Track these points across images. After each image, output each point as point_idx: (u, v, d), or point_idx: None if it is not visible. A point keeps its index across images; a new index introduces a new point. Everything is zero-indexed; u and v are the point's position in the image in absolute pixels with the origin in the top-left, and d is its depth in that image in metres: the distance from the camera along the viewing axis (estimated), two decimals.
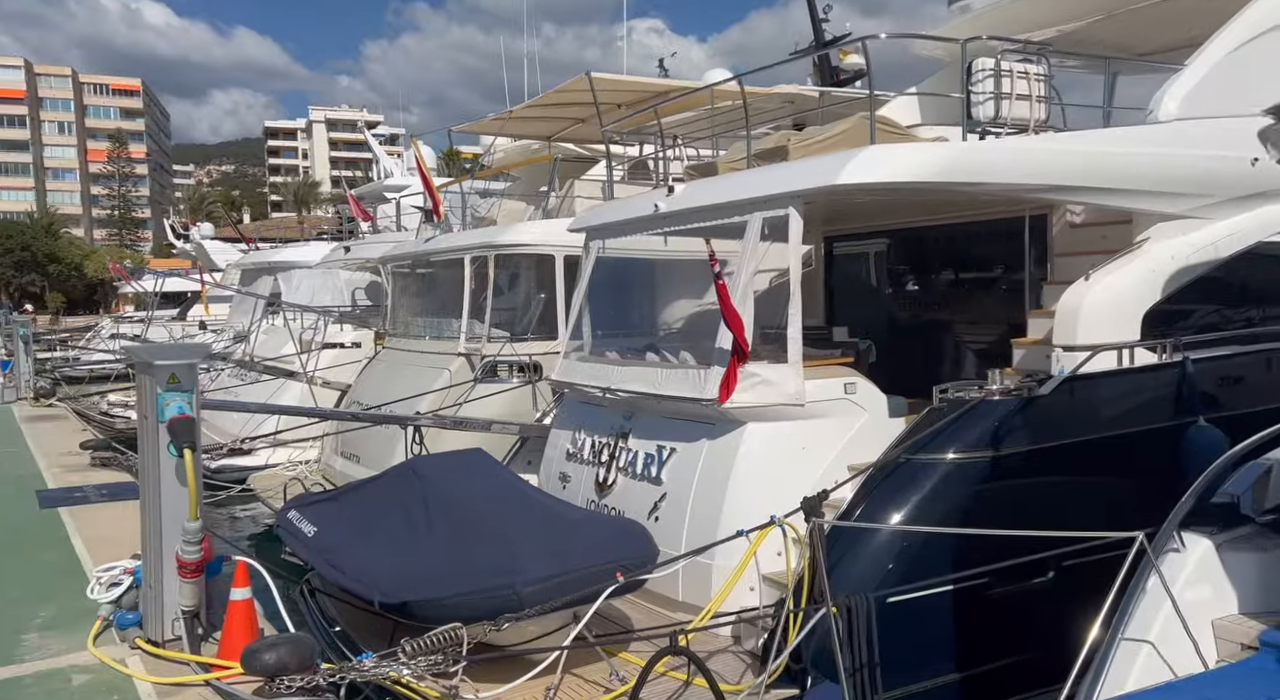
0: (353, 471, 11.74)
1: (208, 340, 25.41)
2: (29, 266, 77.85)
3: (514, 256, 11.65)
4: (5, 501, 7.69)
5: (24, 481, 8.45)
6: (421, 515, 6.17)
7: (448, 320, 12.80)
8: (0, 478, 8.71)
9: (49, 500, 7.59)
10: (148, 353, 4.00)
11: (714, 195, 6.96)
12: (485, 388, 11.28)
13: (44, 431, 12.05)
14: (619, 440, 7.51)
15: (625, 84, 12.10)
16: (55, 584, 5.16)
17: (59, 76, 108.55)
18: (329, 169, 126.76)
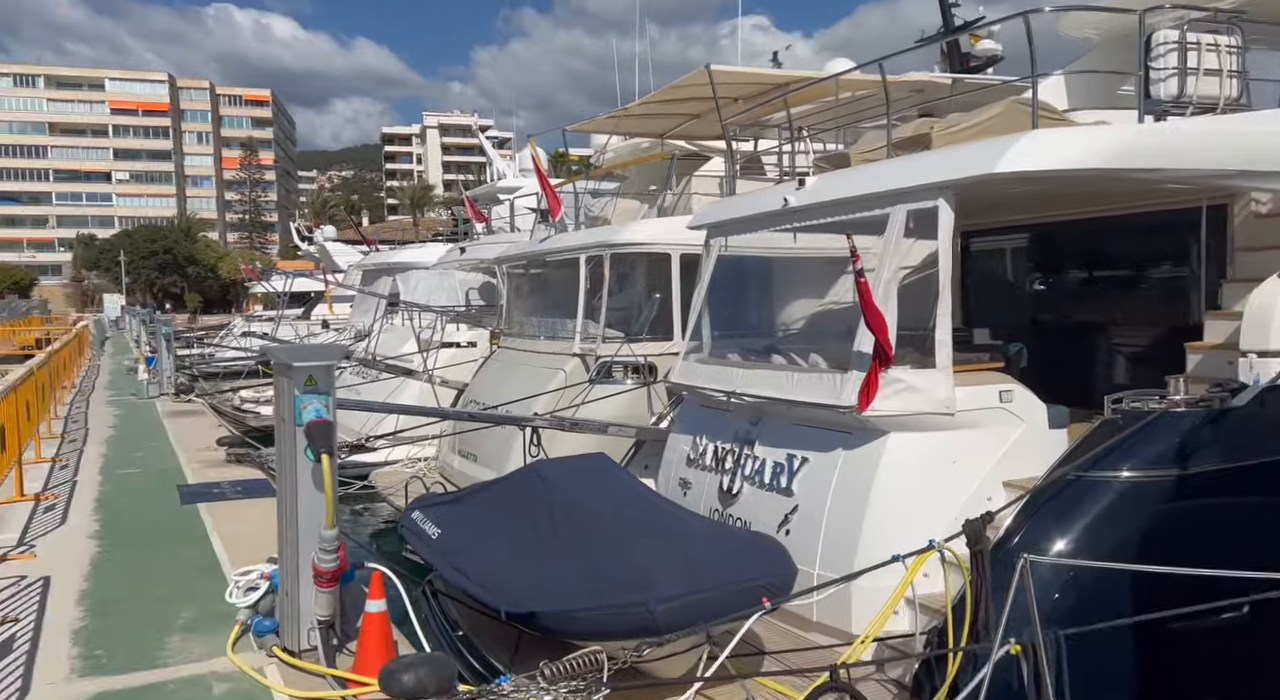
0: (469, 470, 11.81)
1: (330, 338, 26.44)
2: (170, 268, 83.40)
3: (629, 255, 11.44)
4: (150, 495, 7.98)
5: (166, 476, 8.79)
6: (546, 521, 6.00)
7: (562, 320, 12.72)
8: (146, 471, 9.09)
9: (188, 496, 7.83)
10: (286, 354, 3.93)
11: (851, 187, 6.52)
12: (600, 389, 11.12)
13: (183, 426, 12.62)
14: (744, 447, 7.17)
15: (745, 77, 11.71)
16: (195, 583, 5.22)
17: (198, 90, 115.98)
18: (441, 173, 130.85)
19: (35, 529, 6.67)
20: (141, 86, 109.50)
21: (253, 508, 7.39)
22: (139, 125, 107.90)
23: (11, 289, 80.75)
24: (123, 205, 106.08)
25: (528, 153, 27.23)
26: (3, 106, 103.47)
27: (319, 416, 3.88)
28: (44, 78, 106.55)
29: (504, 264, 14.63)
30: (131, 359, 26.64)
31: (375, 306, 24.89)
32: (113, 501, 7.68)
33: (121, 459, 9.86)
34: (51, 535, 6.48)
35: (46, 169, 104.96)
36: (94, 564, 5.72)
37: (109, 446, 10.75)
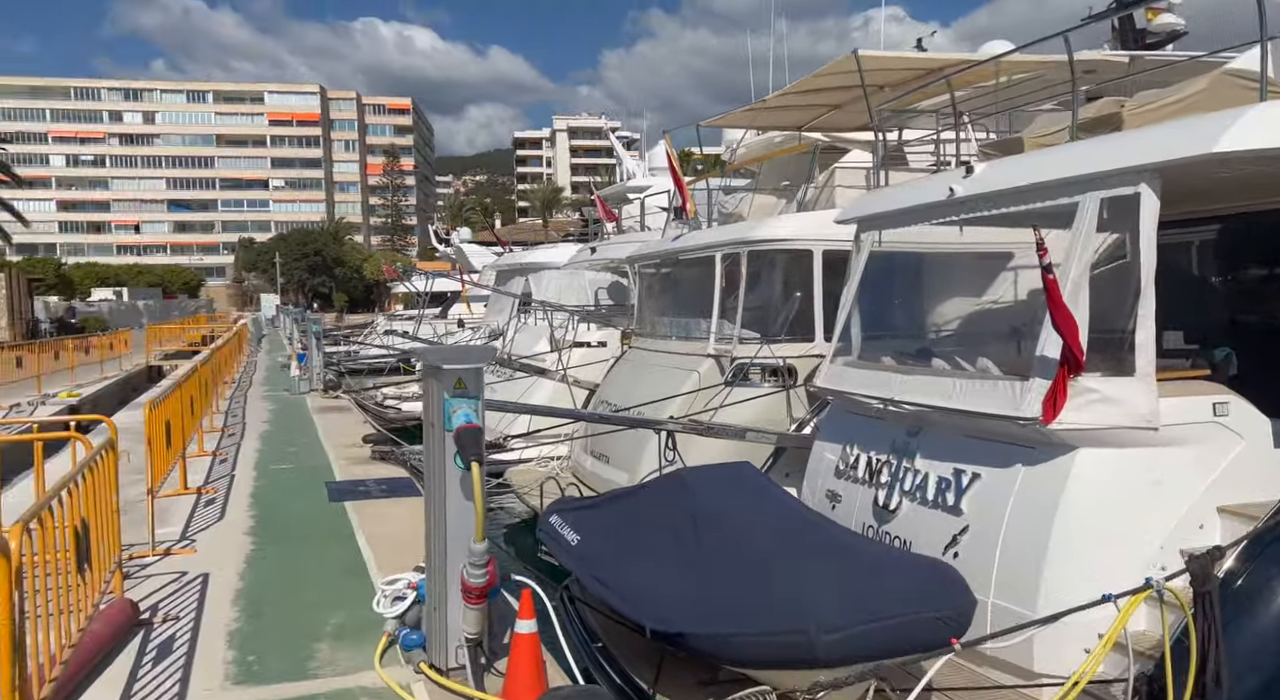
0: (602, 471, 11.67)
1: (465, 337, 27.18)
2: (320, 269, 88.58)
3: (768, 252, 10.98)
4: (301, 491, 8.19)
5: (316, 473, 9.03)
6: (691, 533, 5.67)
7: (695, 320, 12.40)
8: (298, 467, 9.39)
9: (336, 493, 7.98)
10: (436, 356, 3.76)
11: (1030, 174, 5.86)
12: (736, 392, 10.73)
13: (332, 422, 13.08)
14: (902, 459, 6.61)
15: (895, 62, 11.02)
16: (343, 587, 5.20)
17: (346, 100, 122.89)
18: (570, 175, 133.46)
19: (196, 523, 6.92)
20: (296, 98, 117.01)
21: (397, 507, 7.44)
22: (293, 135, 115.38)
23: (182, 289, 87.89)
24: (278, 211, 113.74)
25: (659, 150, 27.19)
26: (177, 121, 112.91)
27: (468, 422, 3.69)
28: (212, 93, 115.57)
29: (635, 263, 14.44)
30: (284, 356, 28.18)
31: (509, 306, 25.43)
32: (266, 497, 7.92)
33: (275, 454, 10.25)
34: (210, 530, 6.69)
35: (213, 178, 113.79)
36: (248, 562, 5.82)
37: (264, 441, 11.23)
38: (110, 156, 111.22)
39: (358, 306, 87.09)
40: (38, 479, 5.19)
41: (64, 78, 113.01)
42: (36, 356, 16.21)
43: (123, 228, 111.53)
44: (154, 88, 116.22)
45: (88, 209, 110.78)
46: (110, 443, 4.42)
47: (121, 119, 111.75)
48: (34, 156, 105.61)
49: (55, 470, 7.11)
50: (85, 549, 3.65)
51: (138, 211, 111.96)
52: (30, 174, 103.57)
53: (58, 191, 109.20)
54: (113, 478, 4.39)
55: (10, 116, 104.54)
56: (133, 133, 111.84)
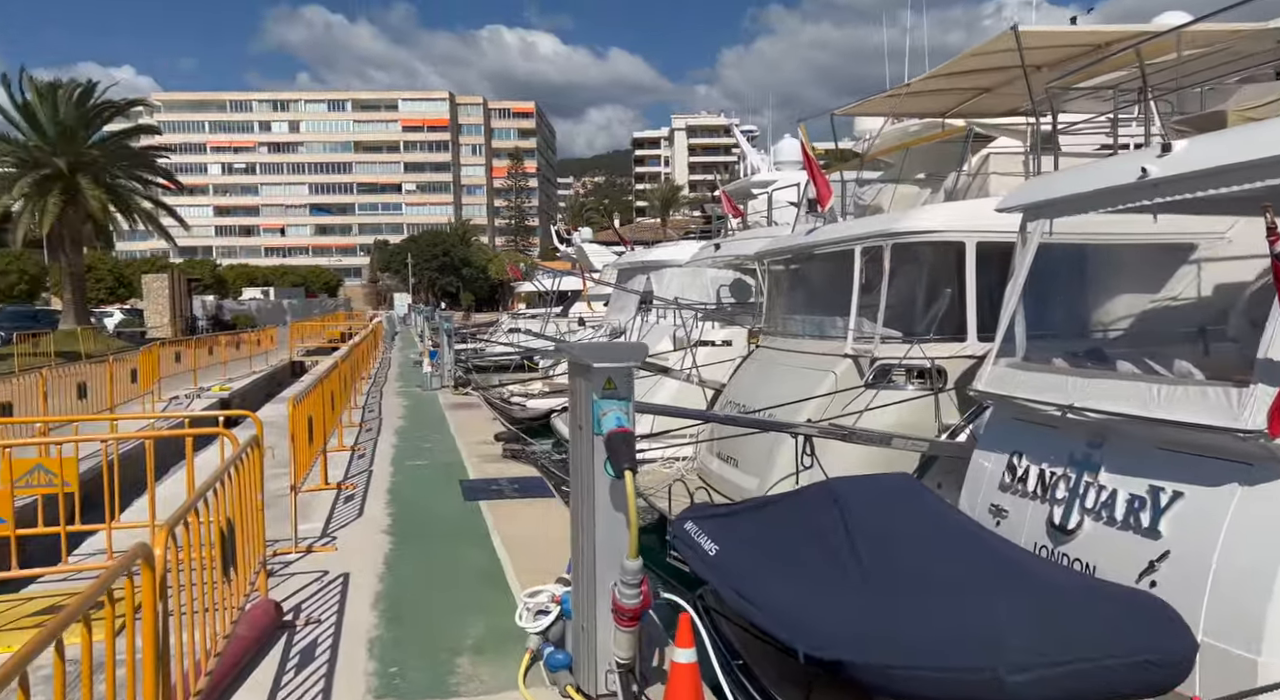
0: (730, 475, 11.26)
1: (587, 336, 27.32)
2: (448, 269, 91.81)
3: (914, 245, 10.28)
4: (438, 488, 8.17)
5: (450, 470, 9.03)
6: (846, 551, 5.20)
7: (831, 318, 11.80)
8: (432, 464, 9.44)
9: (471, 492, 7.91)
10: (585, 353, 3.48)
11: (1247, 150, 5.08)
12: (877, 394, 10.11)
13: (463, 419, 13.21)
14: (1083, 472, 5.91)
15: (1058, 37, 10.12)
16: (481, 593, 5.02)
17: (473, 105, 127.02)
18: (688, 174, 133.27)
19: (336, 519, 6.96)
20: (427, 105, 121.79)
21: (531, 508, 7.28)
22: (424, 140, 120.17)
23: (322, 289, 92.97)
24: (410, 213, 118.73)
25: (784, 145, 26.53)
26: (319, 129, 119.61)
27: (620, 425, 3.38)
28: (350, 102, 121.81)
29: (765, 259, 13.92)
30: (416, 353, 29.10)
31: (630, 305, 25.35)
32: (403, 494, 7.93)
33: (411, 450, 10.37)
34: (350, 527, 6.70)
35: (351, 183, 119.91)
36: (387, 562, 5.75)
37: (399, 437, 11.41)
38: (260, 164, 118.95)
39: (483, 305, 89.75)
40: (189, 476, 5.26)
41: (220, 92, 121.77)
42: (193, 352, 17.24)
43: (270, 231, 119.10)
44: (299, 98, 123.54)
45: (239, 214, 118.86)
46: (255, 440, 4.36)
47: (270, 128, 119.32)
48: (195, 166, 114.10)
49: (205, 463, 7.38)
50: (231, 550, 3.56)
51: (283, 216, 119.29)
52: (191, 182, 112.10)
53: (214, 198, 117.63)
54: (258, 475, 4.34)
55: (175, 129, 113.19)
56: (280, 141, 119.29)
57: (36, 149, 28.45)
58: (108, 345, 26.46)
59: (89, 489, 5.25)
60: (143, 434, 5.40)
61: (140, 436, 5.27)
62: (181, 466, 8.74)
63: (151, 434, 4.88)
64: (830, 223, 12.55)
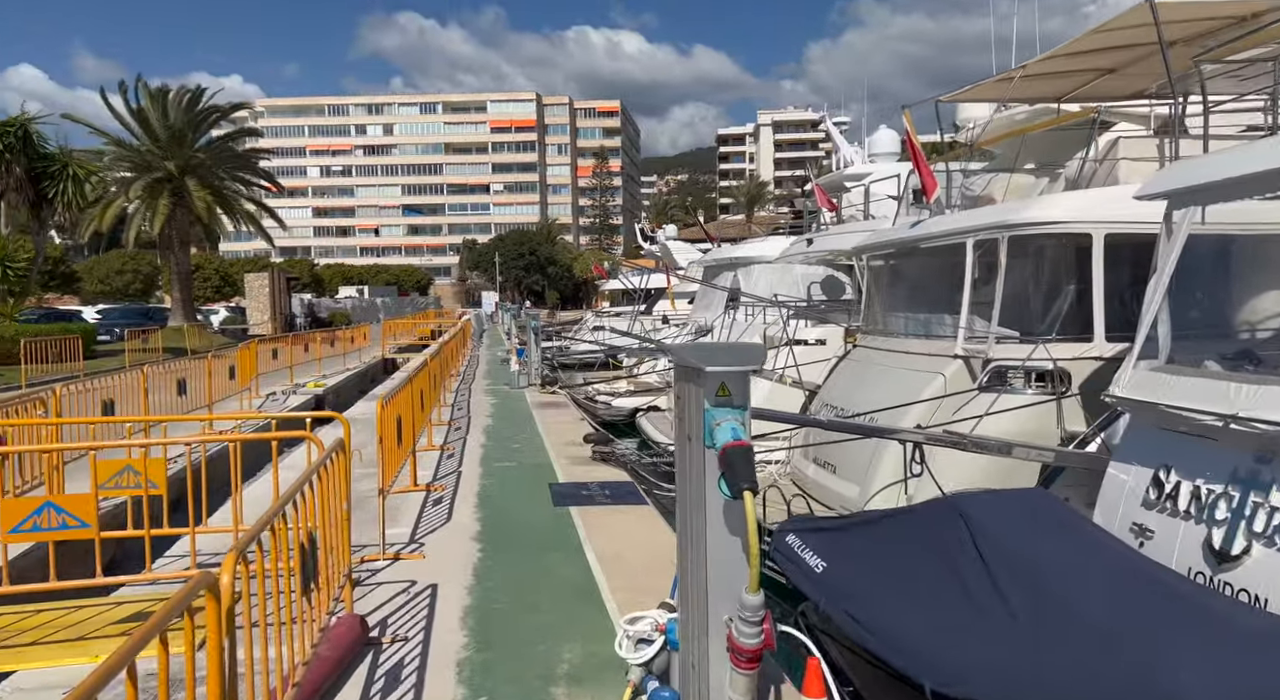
0: (827, 482, 10.68)
1: (671, 335, 26.93)
2: (534, 268, 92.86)
3: (1034, 237, 9.51)
4: (527, 492, 7.90)
5: (539, 472, 8.77)
6: (977, 575, 4.65)
7: (939, 316, 11.09)
8: (521, 466, 9.19)
9: (560, 497, 7.60)
10: (696, 355, 3.07)
11: None
12: (991, 399, 9.39)
13: (550, 418, 12.98)
14: (1249, 491, 5.18)
15: (1200, 9, 9.18)
16: (575, 612, 4.67)
17: (559, 105, 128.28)
18: (773, 170, 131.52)
19: (424, 524, 6.74)
20: (514, 106, 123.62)
21: (623, 517, 6.92)
22: (512, 141, 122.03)
23: (414, 287, 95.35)
24: (497, 214, 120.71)
25: (879, 136, 25.56)
26: (412, 131, 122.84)
27: (736, 438, 2.95)
28: (441, 104, 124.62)
29: (865, 254, 13.24)
30: (504, 350, 29.26)
31: (716, 302, 24.84)
32: (492, 497, 7.69)
33: (499, 450, 10.16)
34: (438, 533, 6.47)
35: (441, 184, 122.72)
36: (476, 574, 5.47)
37: (488, 436, 11.24)
38: (355, 166, 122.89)
39: (567, 303, 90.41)
40: (274, 482, 5.08)
41: (319, 96, 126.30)
42: (289, 349, 17.60)
43: (364, 231, 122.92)
44: (392, 102, 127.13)
45: (336, 215, 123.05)
46: (341, 444, 4.11)
47: (365, 132, 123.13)
48: (295, 169, 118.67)
49: (294, 463, 7.33)
50: (312, 565, 3.29)
51: (377, 216, 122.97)
52: (291, 184, 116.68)
53: (313, 199, 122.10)
54: (344, 483, 4.09)
55: (277, 133, 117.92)
56: (374, 144, 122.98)
57: (149, 152, 29.82)
58: (211, 342, 27.50)
59: (179, 490, 5.12)
60: (227, 437, 5.26)
61: (225, 439, 5.13)
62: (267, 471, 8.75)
63: (237, 437, 4.73)
64: (936, 215, 11.83)
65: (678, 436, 3.46)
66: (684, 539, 3.36)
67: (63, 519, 3.79)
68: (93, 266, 52.80)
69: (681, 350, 3.39)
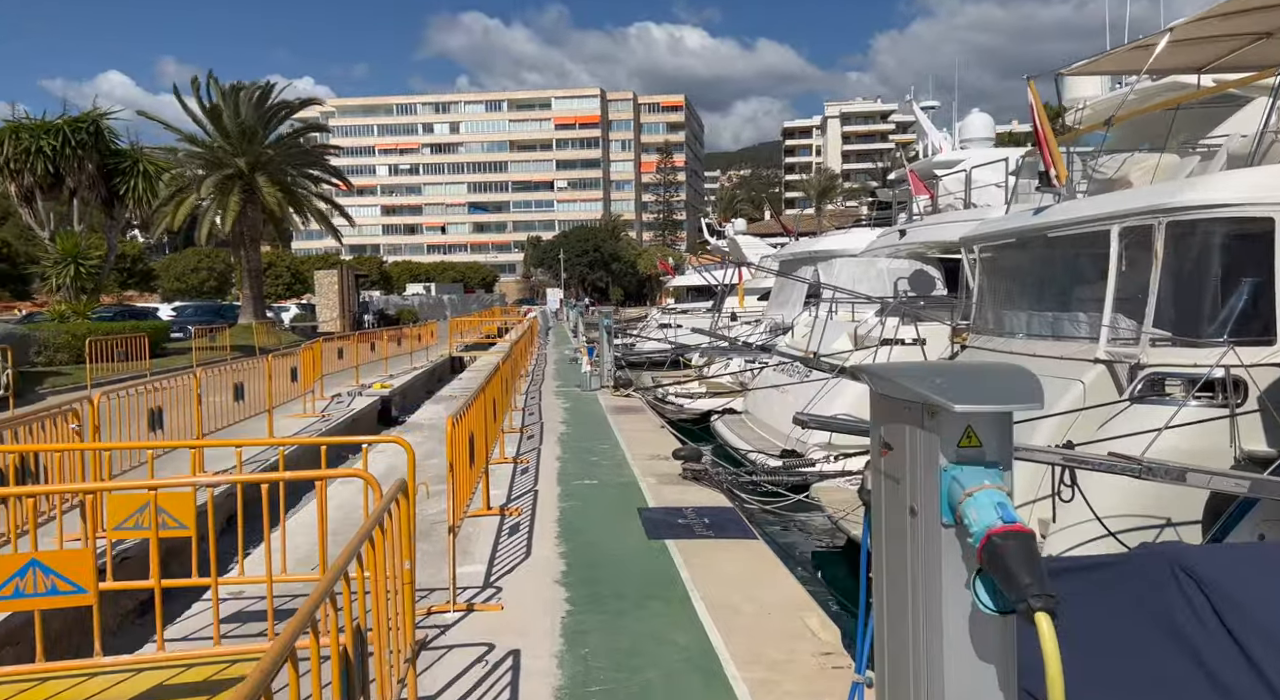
0: None
1: (744, 332, 25.76)
2: (598, 265, 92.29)
3: (1199, 223, 8.13)
4: (613, 517, 6.91)
5: (625, 493, 7.74)
6: (1225, 655, 3.44)
7: (1073, 315, 9.75)
8: (603, 485, 8.16)
9: (654, 526, 6.52)
10: (927, 381, 2.02)
11: None
12: (1145, 412, 8.09)
13: (628, 426, 11.96)
14: None
15: None
16: (692, 696, 3.60)
17: (623, 101, 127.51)
18: (841, 163, 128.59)
19: (500, 559, 5.76)
20: (578, 102, 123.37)
21: (728, 554, 5.82)
22: (576, 137, 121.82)
23: (479, 284, 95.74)
24: (561, 210, 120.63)
25: (972, 121, 23.90)
26: (477, 129, 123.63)
27: (1008, 521, 1.88)
28: (506, 102, 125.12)
29: (976, 244, 11.91)
30: (571, 349, 28.44)
31: (794, 298, 23.60)
32: (575, 525, 6.67)
33: (577, 464, 9.18)
34: (517, 574, 5.48)
35: (506, 181, 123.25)
36: (566, 635, 4.44)
37: (563, 447, 10.27)
38: (423, 165, 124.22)
39: (631, 300, 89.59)
40: (321, 537, 4.14)
41: (387, 97, 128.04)
42: (355, 348, 16.99)
43: (431, 229, 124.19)
44: (458, 100, 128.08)
45: (404, 213, 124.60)
46: (404, 487, 3.15)
47: (432, 130, 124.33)
48: (364, 168, 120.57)
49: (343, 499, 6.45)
50: (360, 678, 2.33)
51: (444, 214, 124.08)
52: (361, 183, 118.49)
53: (381, 198, 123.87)
54: (406, 540, 3.13)
55: (347, 133, 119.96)
56: (441, 142, 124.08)
57: (220, 149, 29.86)
58: (280, 339, 27.33)
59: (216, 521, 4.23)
60: (263, 477, 4.31)
61: (262, 479, 4.17)
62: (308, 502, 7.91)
63: (275, 476, 3.78)
64: (1067, 200, 10.47)
65: (875, 491, 2.40)
66: (884, 643, 2.29)
67: (51, 581, 2.93)
68: (169, 264, 53.92)
69: (887, 373, 2.32)
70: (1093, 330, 9.21)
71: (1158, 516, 7.61)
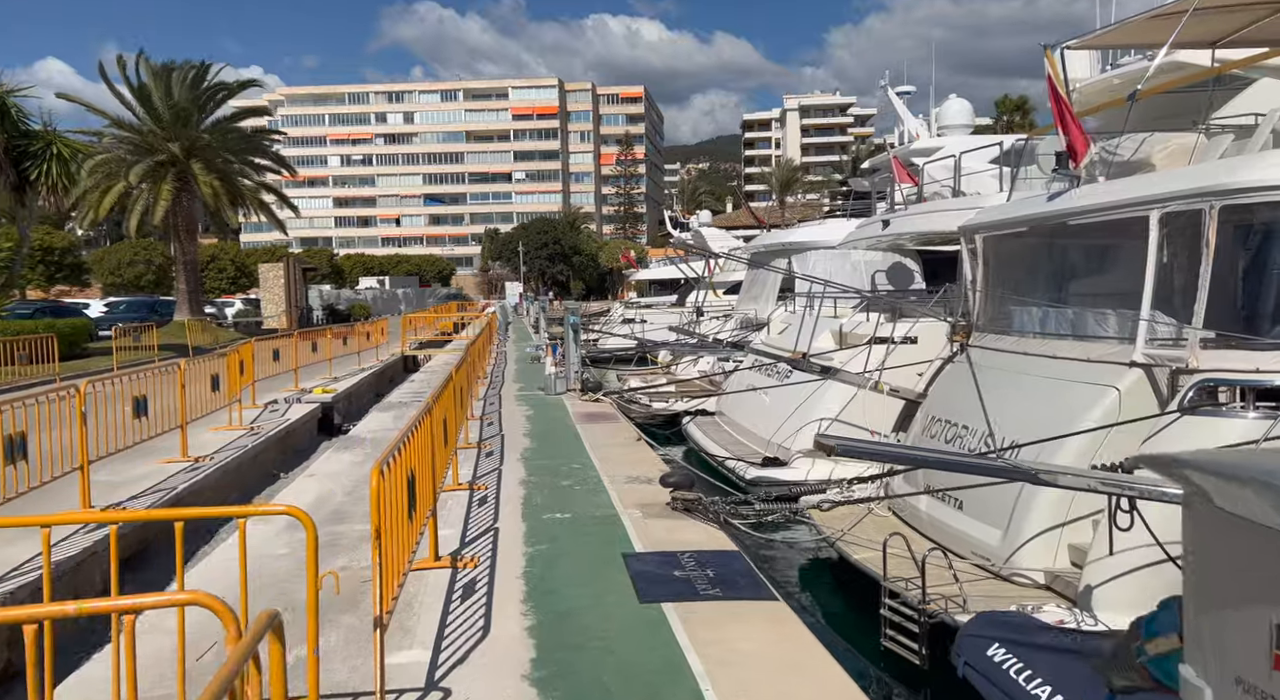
0: (951, 521, 8.32)
1: (715, 329, 24.62)
2: (558, 258, 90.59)
3: (1259, 207, 7.10)
4: (594, 569, 5.57)
5: (606, 531, 6.41)
6: None
7: (1100, 313, 8.70)
8: (577, 519, 6.79)
9: (646, 583, 5.19)
10: None
11: None
12: (1195, 425, 7.06)
13: (601, 438, 10.64)
14: None
15: None
16: None
17: (581, 92, 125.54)
18: (800, 156, 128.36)
19: (452, 638, 4.40)
20: (536, 93, 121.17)
21: (744, 627, 4.52)
22: (533, 128, 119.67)
23: (436, 278, 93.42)
24: (520, 202, 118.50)
25: (950, 107, 22.94)
26: (432, 120, 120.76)
27: None
28: (462, 91, 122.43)
29: (979, 234, 10.82)
30: (532, 346, 27.04)
31: (766, 292, 22.50)
32: (546, 585, 5.28)
33: (545, 491, 7.83)
34: (472, 663, 4.13)
35: (463, 173, 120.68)
36: None
37: (528, 467, 8.92)
38: (376, 156, 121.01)
39: (592, 294, 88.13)
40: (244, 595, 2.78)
41: (338, 85, 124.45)
42: (294, 348, 15.33)
43: (386, 221, 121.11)
44: (413, 89, 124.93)
45: (357, 205, 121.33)
46: (274, 624, 1.84)
47: (386, 120, 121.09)
48: (315, 158, 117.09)
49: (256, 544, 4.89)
50: None
51: (398, 206, 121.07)
52: (312, 174, 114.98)
53: (334, 189, 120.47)
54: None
55: (297, 123, 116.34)
56: (395, 132, 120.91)
57: (150, 133, 27.73)
58: (217, 337, 25.45)
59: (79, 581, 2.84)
60: (18, 615, 2.73)
61: (16, 618, 2.54)
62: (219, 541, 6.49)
63: (43, 612, 2.34)
64: (1089, 183, 9.42)
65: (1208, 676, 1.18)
66: None
67: None
68: (103, 257, 51.08)
69: (1236, 468, 1.10)
70: (1124, 329, 8.15)
71: None
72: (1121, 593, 6.69)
